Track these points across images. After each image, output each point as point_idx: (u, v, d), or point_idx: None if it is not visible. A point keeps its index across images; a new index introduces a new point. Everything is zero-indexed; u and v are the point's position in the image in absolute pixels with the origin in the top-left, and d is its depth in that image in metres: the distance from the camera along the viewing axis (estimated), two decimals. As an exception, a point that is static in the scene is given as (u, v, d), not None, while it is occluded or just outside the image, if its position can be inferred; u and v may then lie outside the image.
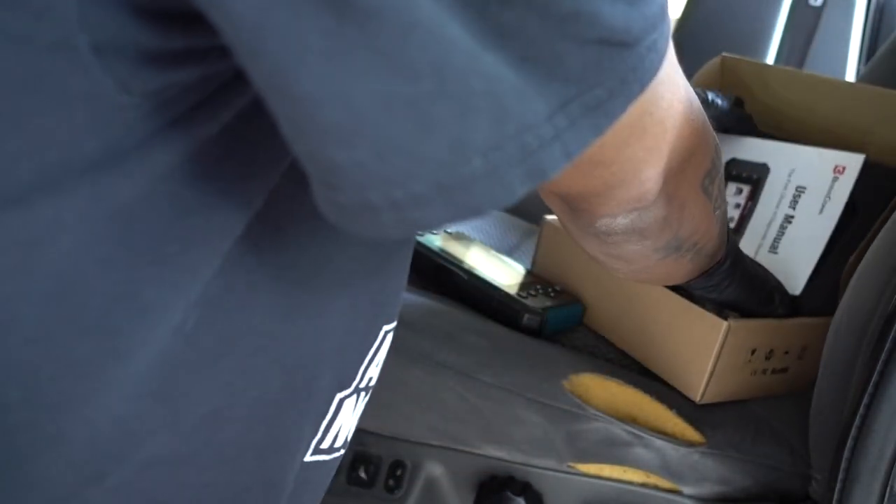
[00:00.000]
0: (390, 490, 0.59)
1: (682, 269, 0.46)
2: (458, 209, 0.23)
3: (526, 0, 0.21)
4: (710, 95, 0.61)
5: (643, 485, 0.55)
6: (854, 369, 0.47)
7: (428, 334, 0.60)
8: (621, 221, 0.38)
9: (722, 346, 0.54)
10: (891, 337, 0.44)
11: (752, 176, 0.62)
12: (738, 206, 0.63)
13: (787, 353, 0.59)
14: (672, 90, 0.32)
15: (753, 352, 0.56)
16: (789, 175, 0.60)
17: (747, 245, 0.62)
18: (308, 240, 0.29)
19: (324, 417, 0.39)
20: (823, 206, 0.58)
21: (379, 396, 0.60)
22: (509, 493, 0.55)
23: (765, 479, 0.56)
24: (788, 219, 0.60)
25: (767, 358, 0.58)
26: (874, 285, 0.46)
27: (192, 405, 0.30)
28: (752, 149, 0.63)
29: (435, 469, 0.58)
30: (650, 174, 0.34)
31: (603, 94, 0.24)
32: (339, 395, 0.39)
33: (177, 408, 0.30)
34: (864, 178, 0.60)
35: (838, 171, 0.57)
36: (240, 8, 0.20)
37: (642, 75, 0.25)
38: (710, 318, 0.54)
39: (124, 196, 0.25)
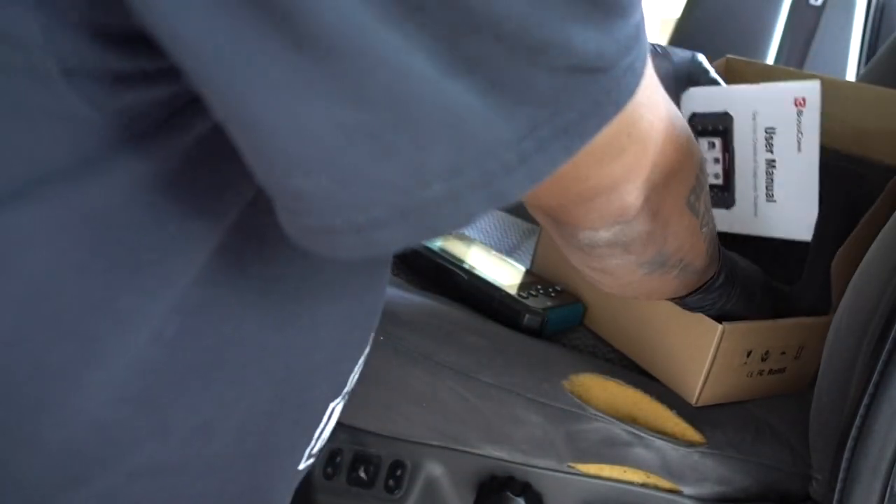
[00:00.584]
0: (390, 490, 0.59)
1: (668, 285, 0.46)
2: (417, 231, 0.23)
3: (494, 32, 0.21)
4: (674, 52, 0.60)
5: (643, 485, 0.55)
6: (854, 369, 0.47)
7: (428, 334, 0.60)
8: (604, 235, 0.37)
9: (717, 350, 0.54)
10: (891, 337, 0.44)
11: (719, 127, 0.61)
12: (717, 160, 0.61)
13: (783, 353, 0.59)
14: (652, 110, 0.32)
15: (749, 353, 0.56)
16: (754, 118, 0.58)
17: (744, 199, 0.61)
18: (294, 252, 0.29)
19: (318, 426, 0.39)
20: (799, 143, 0.56)
21: (379, 396, 0.60)
22: (509, 494, 0.55)
23: (765, 480, 0.56)
24: (771, 163, 0.58)
25: (763, 359, 0.58)
26: (874, 285, 0.46)
27: (182, 416, 0.30)
28: (709, 99, 0.61)
29: (435, 469, 0.58)
30: (629, 189, 0.34)
31: (575, 116, 0.24)
32: (332, 404, 0.39)
33: (164, 418, 0.30)
34: (864, 177, 0.59)
35: (799, 104, 0.55)
36: (197, 41, 0.20)
37: (618, 97, 0.25)
38: (705, 322, 0.54)
39: (98, 204, 0.25)
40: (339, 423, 0.60)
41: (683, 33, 1.68)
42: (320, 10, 0.19)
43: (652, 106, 0.31)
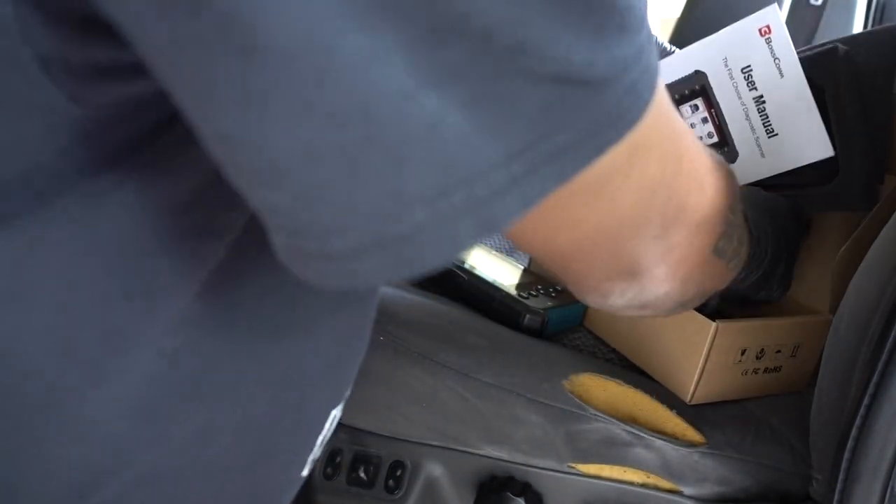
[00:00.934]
0: (390, 490, 0.58)
1: (688, 309, 0.44)
2: (402, 262, 0.21)
3: (466, 35, 0.19)
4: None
5: (643, 485, 0.55)
6: (855, 369, 0.46)
7: (428, 334, 0.60)
8: (617, 302, 0.34)
9: (710, 347, 0.54)
10: (891, 337, 0.44)
11: (695, 87, 0.59)
12: (705, 120, 0.59)
13: (778, 351, 0.59)
14: (662, 151, 0.28)
15: (743, 352, 0.56)
16: (726, 64, 0.57)
17: (746, 146, 0.58)
18: None
19: (320, 433, 0.38)
20: (779, 68, 0.54)
21: (379, 396, 0.60)
22: (509, 494, 0.55)
23: (765, 480, 0.56)
24: (759, 100, 0.56)
25: (758, 357, 0.58)
26: (874, 285, 0.46)
27: (179, 423, 0.30)
28: (676, 66, 0.60)
29: (435, 469, 0.58)
30: (635, 244, 0.30)
31: (567, 139, 0.22)
32: (333, 412, 0.39)
33: (164, 426, 0.30)
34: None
35: (764, 32, 0.54)
36: (155, 43, 0.19)
37: (617, 121, 0.23)
38: (699, 320, 0.54)
39: (115, 226, 0.24)
40: (339, 423, 0.60)
41: (683, 33, 1.68)
42: (267, 14, 0.18)
43: (662, 147, 0.28)
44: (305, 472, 0.40)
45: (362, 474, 0.59)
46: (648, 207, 0.29)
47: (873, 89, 0.55)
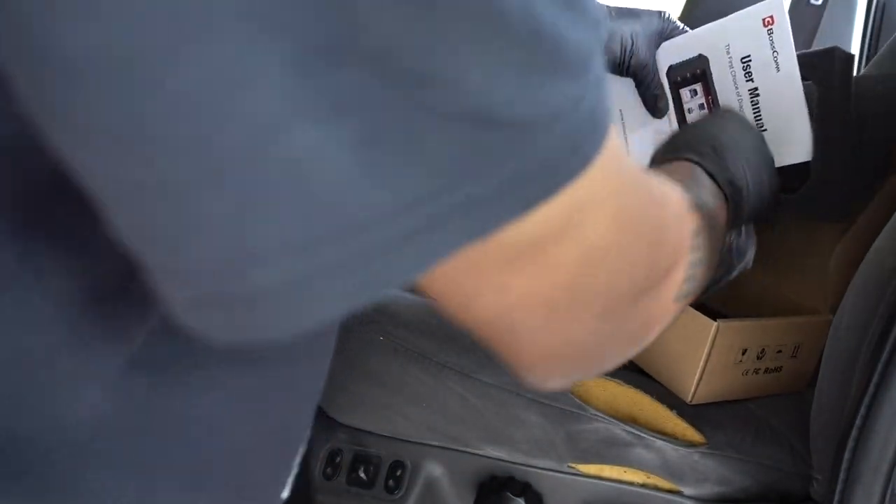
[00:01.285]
0: (390, 490, 0.58)
1: None
2: (247, 324, 0.18)
3: (361, 58, 0.16)
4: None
5: (643, 485, 0.55)
6: (855, 370, 0.46)
7: (428, 334, 0.60)
8: (558, 384, 0.29)
9: (712, 347, 0.54)
10: (891, 337, 0.44)
11: (696, 72, 0.59)
12: (702, 106, 0.59)
13: (779, 351, 0.59)
14: (615, 213, 0.23)
15: (744, 352, 0.56)
16: (727, 52, 0.57)
17: None
18: None
19: (297, 455, 0.38)
20: (777, 62, 0.54)
21: (379, 396, 0.60)
22: (509, 494, 0.55)
23: (765, 480, 0.56)
24: (754, 92, 0.56)
25: (759, 357, 0.58)
26: (874, 285, 0.46)
27: (158, 468, 0.29)
28: (682, 48, 0.60)
29: (435, 469, 0.58)
30: (574, 320, 0.25)
31: (486, 189, 0.18)
32: (308, 430, 0.39)
33: (140, 469, 0.28)
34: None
35: (767, 23, 0.54)
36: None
37: (551, 173, 0.19)
38: (700, 319, 0.54)
39: (73, 283, 0.23)
40: (339, 423, 0.60)
41: (684, 33, 1.69)
42: (67, 22, 0.15)
43: (611, 206, 0.23)
44: (286, 494, 0.39)
45: (362, 474, 0.59)
46: (593, 276, 0.24)
47: (879, 105, 0.55)
